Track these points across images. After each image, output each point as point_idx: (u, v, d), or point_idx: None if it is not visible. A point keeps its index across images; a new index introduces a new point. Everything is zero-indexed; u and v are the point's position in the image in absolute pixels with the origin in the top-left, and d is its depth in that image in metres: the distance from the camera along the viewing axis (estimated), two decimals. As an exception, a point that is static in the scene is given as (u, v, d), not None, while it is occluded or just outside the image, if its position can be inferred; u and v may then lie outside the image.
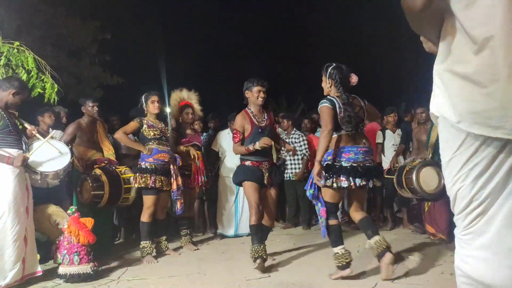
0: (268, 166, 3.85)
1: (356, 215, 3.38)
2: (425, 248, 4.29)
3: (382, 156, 5.78)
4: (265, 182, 3.82)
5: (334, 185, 3.15)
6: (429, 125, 4.90)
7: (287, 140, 5.95)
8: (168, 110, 7.45)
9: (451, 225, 4.65)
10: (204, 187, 5.07)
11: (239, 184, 3.98)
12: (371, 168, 3.25)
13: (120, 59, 8.85)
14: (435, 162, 4.64)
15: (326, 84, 3.37)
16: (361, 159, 3.19)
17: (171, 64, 11.19)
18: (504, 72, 1.17)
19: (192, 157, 4.67)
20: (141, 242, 4.20)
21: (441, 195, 4.56)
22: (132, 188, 4.31)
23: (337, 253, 3.22)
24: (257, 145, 3.65)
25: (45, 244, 4.15)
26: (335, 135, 3.25)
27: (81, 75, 7.63)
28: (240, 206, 5.46)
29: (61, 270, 3.41)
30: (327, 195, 3.27)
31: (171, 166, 4.30)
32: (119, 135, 4.28)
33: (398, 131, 5.83)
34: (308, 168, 5.92)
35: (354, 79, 3.34)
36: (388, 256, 3.10)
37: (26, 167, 3.41)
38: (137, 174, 4.20)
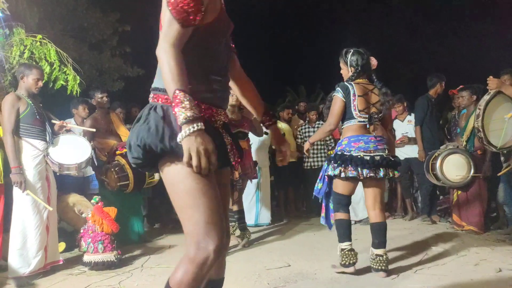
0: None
1: (372, 214, 3.12)
2: (449, 239, 4.21)
3: None
4: None
5: (342, 174, 3.02)
6: (471, 111, 4.42)
7: (312, 130, 5.92)
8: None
9: (485, 217, 4.53)
10: (251, 177, 4.40)
11: None
12: (384, 158, 3.03)
13: (140, 51, 8.91)
14: (466, 151, 4.44)
15: (348, 72, 3.20)
16: (372, 148, 3.02)
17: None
18: None
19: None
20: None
21: (467, 185, 4.40)
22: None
23: (344, 249, 3.05)
24: None
25: (71, 233, 4.28)
26: (346, 125, 3.14)
27: (102, 67, 7.72)
28: (260, 196, 5.46)
29: (86, 258, 3.50)
30: (338, 186, 3.13)
31: None
32: None
33: (409, 117, 5.50)
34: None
35: (374, 61, 3.19)
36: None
37: (48, 159, 3.45)
38: None
